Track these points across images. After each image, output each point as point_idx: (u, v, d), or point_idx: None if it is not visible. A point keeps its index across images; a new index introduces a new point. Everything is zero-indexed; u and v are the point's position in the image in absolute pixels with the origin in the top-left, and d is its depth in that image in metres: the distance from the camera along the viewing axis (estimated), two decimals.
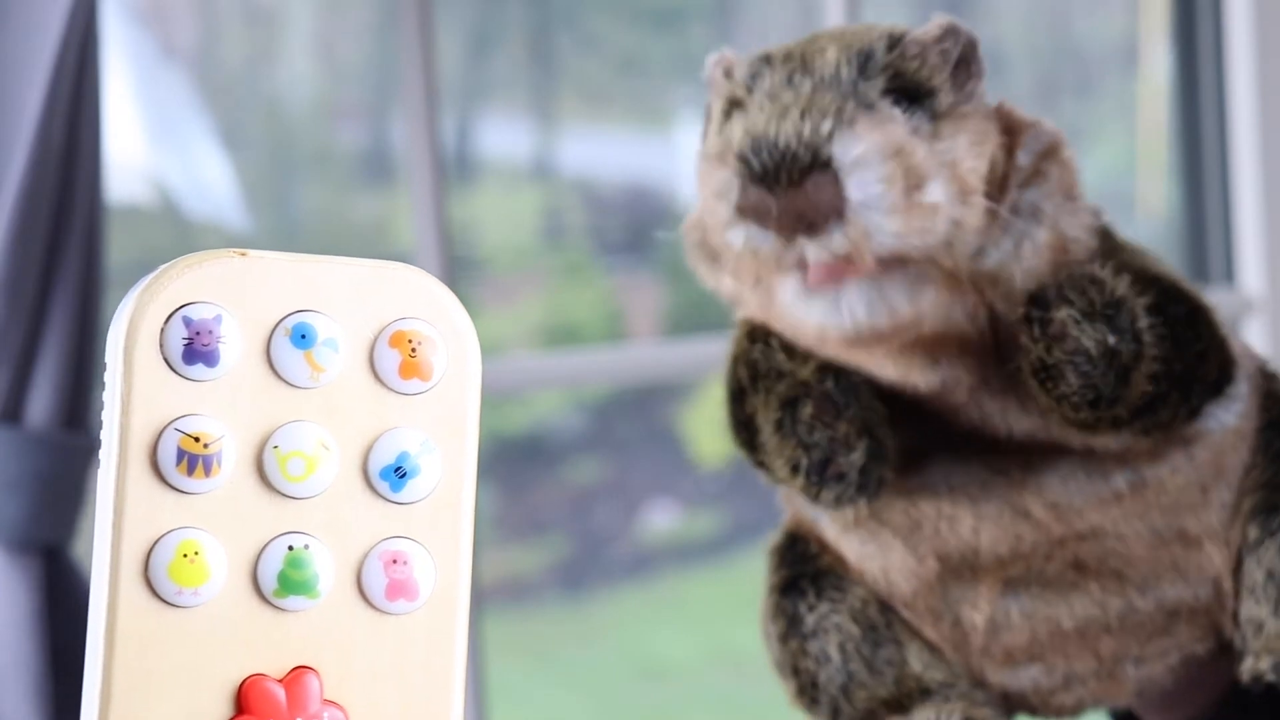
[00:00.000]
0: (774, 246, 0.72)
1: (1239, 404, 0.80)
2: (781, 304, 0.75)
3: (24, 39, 1.30)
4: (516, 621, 2.89)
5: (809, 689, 0.82)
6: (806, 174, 0.71)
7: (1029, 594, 0.79)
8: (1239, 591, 0.79)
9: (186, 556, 0.39)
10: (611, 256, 2.83)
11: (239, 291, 0.39)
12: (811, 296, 0.73)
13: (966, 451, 0.79)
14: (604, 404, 2.97)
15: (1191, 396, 0.77)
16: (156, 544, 0.39)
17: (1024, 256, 0.75)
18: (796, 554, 0.83)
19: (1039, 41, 2.57)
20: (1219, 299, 0.74)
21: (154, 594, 0.39)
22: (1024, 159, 0.76)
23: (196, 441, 0.39)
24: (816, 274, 0.73)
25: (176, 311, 0.39)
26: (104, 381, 0.39)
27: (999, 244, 0.75)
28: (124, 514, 0.38)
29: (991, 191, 0.74)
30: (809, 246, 0.72)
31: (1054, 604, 0.79)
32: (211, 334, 0.39)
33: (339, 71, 2.46)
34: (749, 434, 0.79)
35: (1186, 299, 0.77)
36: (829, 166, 0.71)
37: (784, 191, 0.71)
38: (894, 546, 0.80)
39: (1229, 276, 2.21)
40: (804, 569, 0.82)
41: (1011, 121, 0.77)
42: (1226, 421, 0.79)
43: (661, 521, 3.03)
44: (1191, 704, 0.84)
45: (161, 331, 0.39)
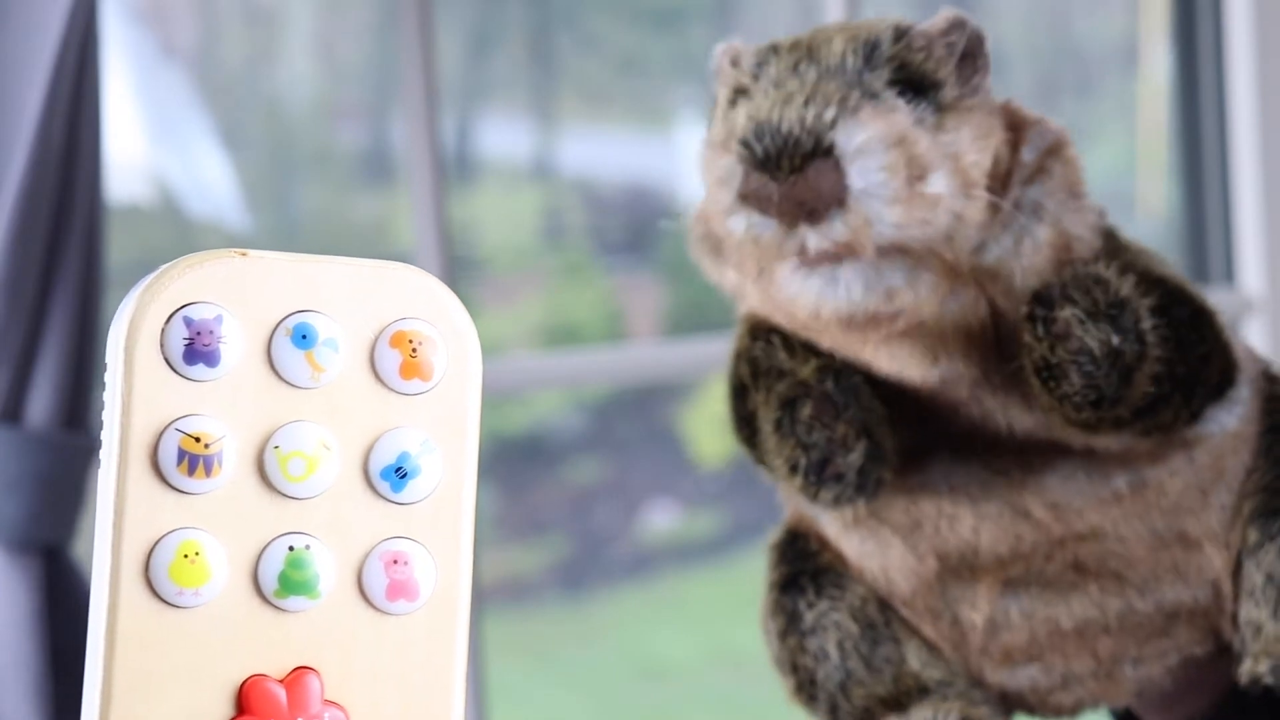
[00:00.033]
0: (775, 234, 0.72)
1: (1240, 407, 0.80)
2: (779, 283, 0.74)
3: (24, 39, 1.29)
4: (516, 621, 2.89)
5: (807, 686, 0.82)
6: (808, 160, 0.71)
7: (1028, 594, 0.79)
8: (1238, 594, 0.79)
9: (187, 557, 0.39)
10: (611, 256, 2.83)
11: (240, 291, 0.39)
12: (809, 273, 0.73)
13: (967, 451, 0.79)
14: (604, 404, 2.97)
15: (1193, 399, 0.76)
16: (157, 544, 0.39)
17: (1025, 253, 0.75)
18: (797, 551, 0.83)
19: (1039, 41, 2.57)
20: (1219, 299, 0.74)
21: (154, 594, 0.39)
22: (1028, 155, 0.76)
23: (197, 442, 0.39)
24: (817, 256, 0.73)
25: (177, 311, 0.39)
26: (104, 381, 0.39)
27: (1000, 239, 0.75)
28: (124, 514, 0.38)
29: (994, 186, 0.74)
30: (810, 234, 0.71)
31: (1053, 604, 0.79)
32: (212, 334, 0.39)
33: (339, 71, 2.46)
34: (750, 430, 0.79)
35: (1190, 301, 0.77)
36: (831, 154, 0.71)
37: (786, 178, 0.71)
38: (894, 545, 0.80)
39: (1229, 276, 2.21)
40: (804, 566, 0.82)
41: (1017, 118, 0.77)
42: (1228, 424, 0.79)
43: (661, 521, 3.03)
44: (1190, 705, 0.84)
45: (162, 331, 0.39)
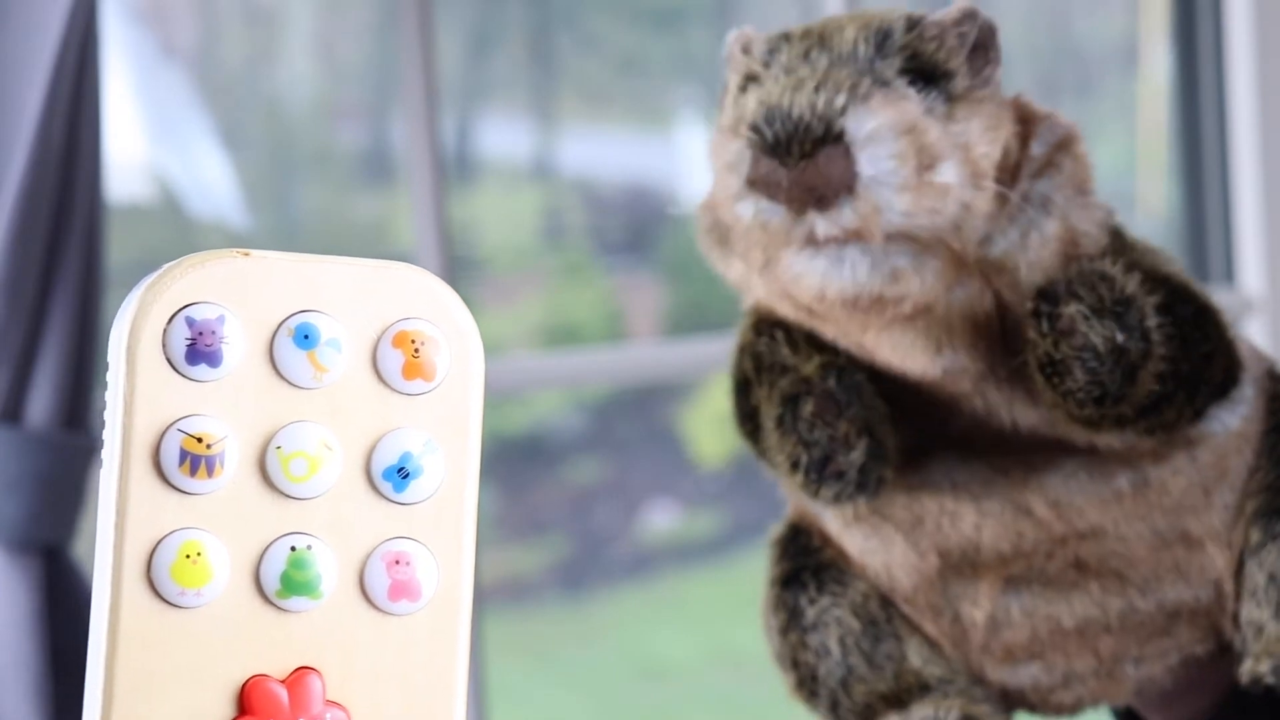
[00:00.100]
0: (783, 220, 0.72)
1: (1244, 407, 0.80)
2: (784, 264, 0.74)
3: (24, 39, 1.29)
4: (516, 621, 2.89)
5: (808, 682, 0.82)
6: (819, 146, 0.71)
7: (1030, 592, 0.79)
8: (1240, 594, 0.79)
9: (189, 557, 0.39)
10: (611, 256, 2.83)
11: (242, 292, 0.39)
12: (815, 253, 0.73)
13: (969, 449, 0.79)
14: (604, 404, 2.96)
15: (1197, 397, 0.76)
16: (159, 545, 0.39)
17: (1031, 246, 0.75)
18: (798, 547, 0.83)
19: (1039, 41, 2.57)
20: (1219, 299, 0.74)
21: (156, 595, 0.39)
22: (1037, 149, 0.76)
23: (199, 442, 0.39)
24: (825, 241, 0.73)
25: (179, 311, 0.39)
26: (106, 381, 0.39)
27: (1007, 232, 0.75)
28: (126, 514, 0.38)
29: (1003, 179, 0.74)
30: (818, 220, 0.71)
31: (1054, 602, 0.79)
32: (214, 334, 0.39)
33: (339, 71, 2.46)
34: (753, 425, 0.79)
35: (1195, 300, 0.77)
36: (841, 140, 0.71)
37: (795, 163, 0.71)
38: (896, 542, 0.80)
39: (1229, 276, 2.21)
40: (805, 562, 0.82)
41: (1027, 112, 0.77)
42: (1230, 424, 0.79)
43: (661, 521, 3.03)
44: (1191, 705, 0.84)
45: (164, 332, 0.38)
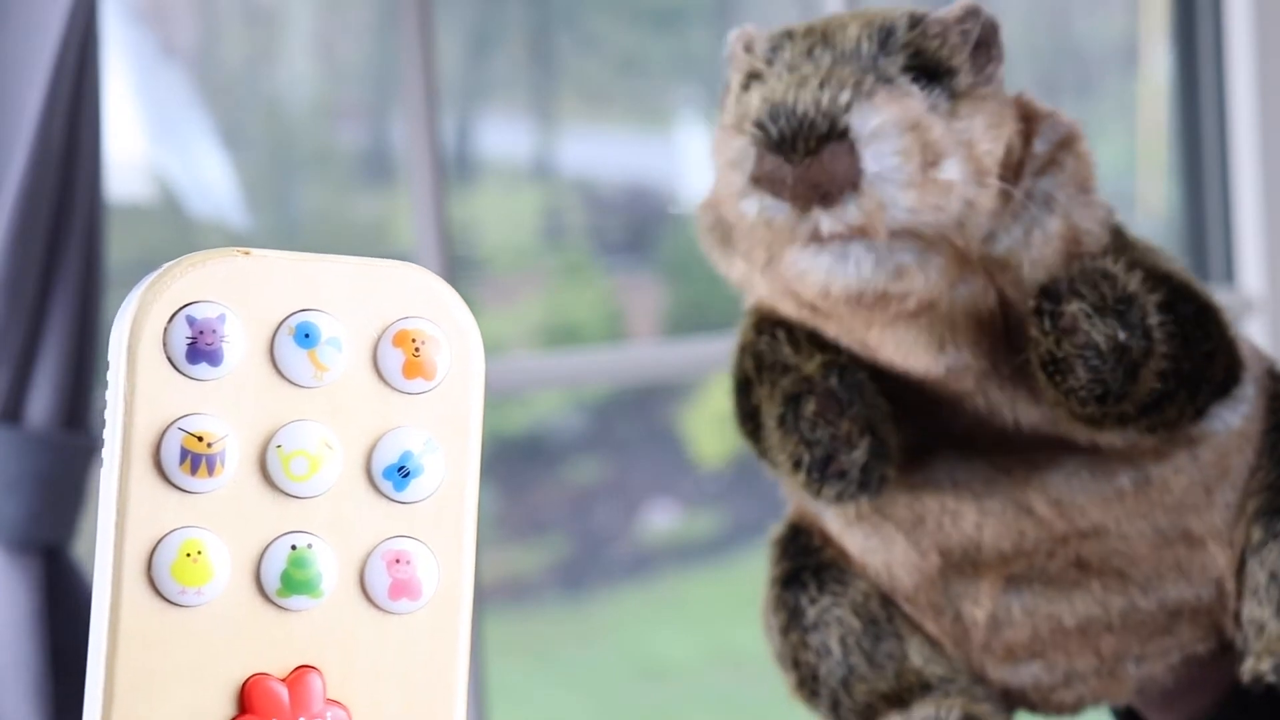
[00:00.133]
0: (788, 217, 0.72)
1: (1245, 405, 0.80)
2: (788, 261, 0.74)
3: (24, 39, 1.29)
4: (516, 621, 2.89)
5: (809, 681, 0.82)
6: (823, 143, 0.71)
7: (1031, 591, 0.79)
8: (1241, 592, 0.79)
9: (189, 556, 0.39)
10: (611, 256, 2.83)
11: (243, 290, 0.39)
12: (819, 250, 0.73)
13: (971, 448, 0.79)
14: (604, 404, 2.96)
15: (1198, 396, 0.76)
16: (159, 543, 0.39)
17: (1034, 244, 0.75)
18: (799, 546, 0.83)
19: (1039, 41, 2.57)
20: (1219, 299, 0.74)
21: (157, 593, 0.39)
22: (1040, 147, 0.76)
23: (200, 441, 0.39)
24: (829, 238, 0.73)
25: (180, 310, 0.39)
26: (106, 381, 0.39)
27: (1010, 229, 0.75)
28: (127, 513, 0.38)
29: (1006, 177, 0.74)
30: (823, 217, 0.71)
31: (1056, 601, 0.79)
32: (215, 333, 0.39)
33: (339, 71, 2.46)
34: (754, 424, 0.79)
35: (1197, 298, 0.77)
36: (846, 137, 0.71)
37: (800, 160, 0.71)
38: (897, 541, 0.80)
39: (1229, 276, 2.21)
40: (806, 561, 0.82)
41: (1029, 110, 0.77)
42: (1232, 423, 0.79)
43: (661, 521, 3.03)
44: (1192, 703, 0.84)
45: (165, 330, 0.38)
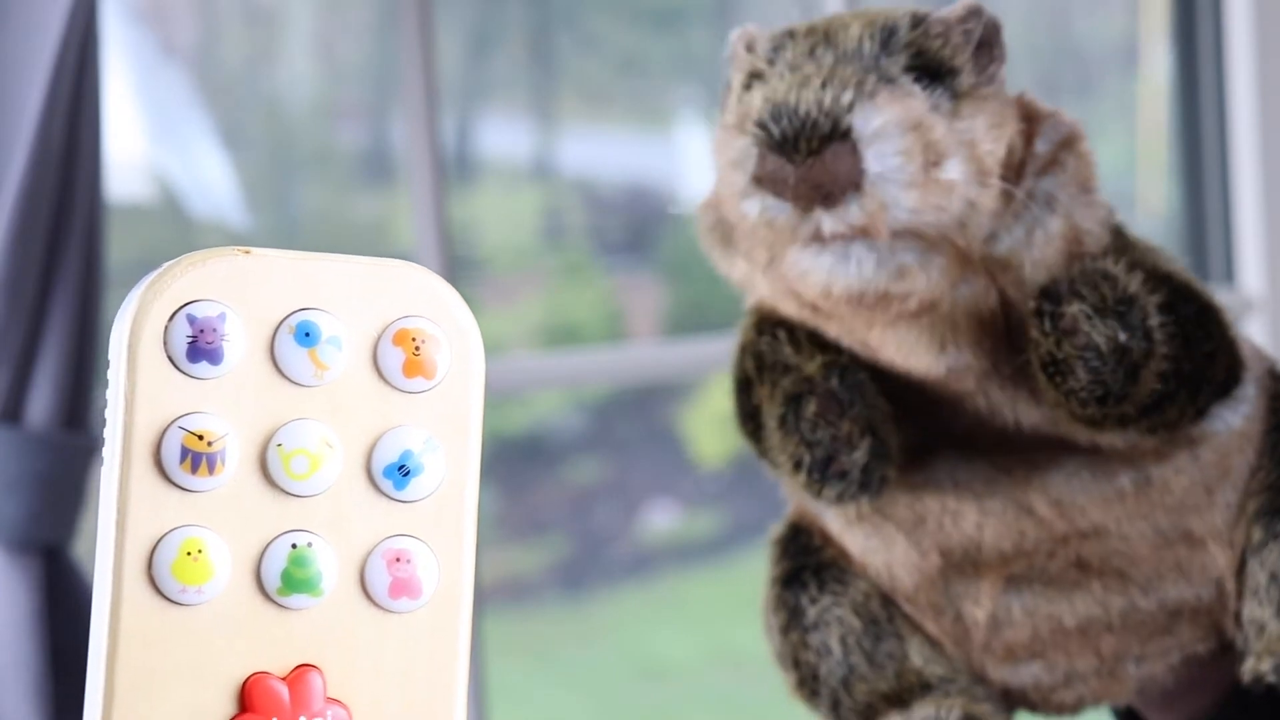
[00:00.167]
0: (789, 217, 0.72)
1: (1246, 406, 0.80)
2: (790, 261, 0.74)
3: (24, 39, 1.29)
4: (516, 621, 2.89)
5: (809, 681, 0.81)
6: (826, 143, 0.71)
7: (1031, 591, 0.79)
8: (1242, 593, 0.79)
9: (190, 554, 0.39)
10: (611, 256, 2.83)
11: (243, 289, 0.39)
12: (821, 250, 0.72)
13: (971, 448, 0.79)
14: (604, 404, 2.97)
15: (1199, 396, 0.76)
16: (160, 542, 0.39)
17: (1036, 244, 0.75)
18: (799, 546, 0.83)
19: (1039, 41, 2.57)
20: (1219, 299, 0.74)
21: (157, 592, 0.39)
22: (1042, 147, 0.76)
23: (200, 439, 0.39)
24: (831, 238, 0.72)
25: (181, 309, 0.39)
26: (106, 380, 0.39)
27: (1012, 229, 0.75)
28: (127, 512, 0.38)
29: (1008, 177, 0.74)
30: (825, 218, 0.71)
31: (1056, 601, 0.79)
32: (216, 332, 0.39)
33: (339, 71, 2.46)
34: (754, 425, 0.79)
35: (1197, 298, 0.77)
36: (848, 137, 0.71)
37: (802, 160, 0.71)
38: (897, 541, 0.80)
39: (1229, 276, 2.21)
40: (806, 561, 0.82)
41: (1031, 110, 0.77)
42: (1233, 423, 0.79)
43: (661, 521, 3.03)
44: (1192, 703, 0.84)
45: (165, 329, 0.38)
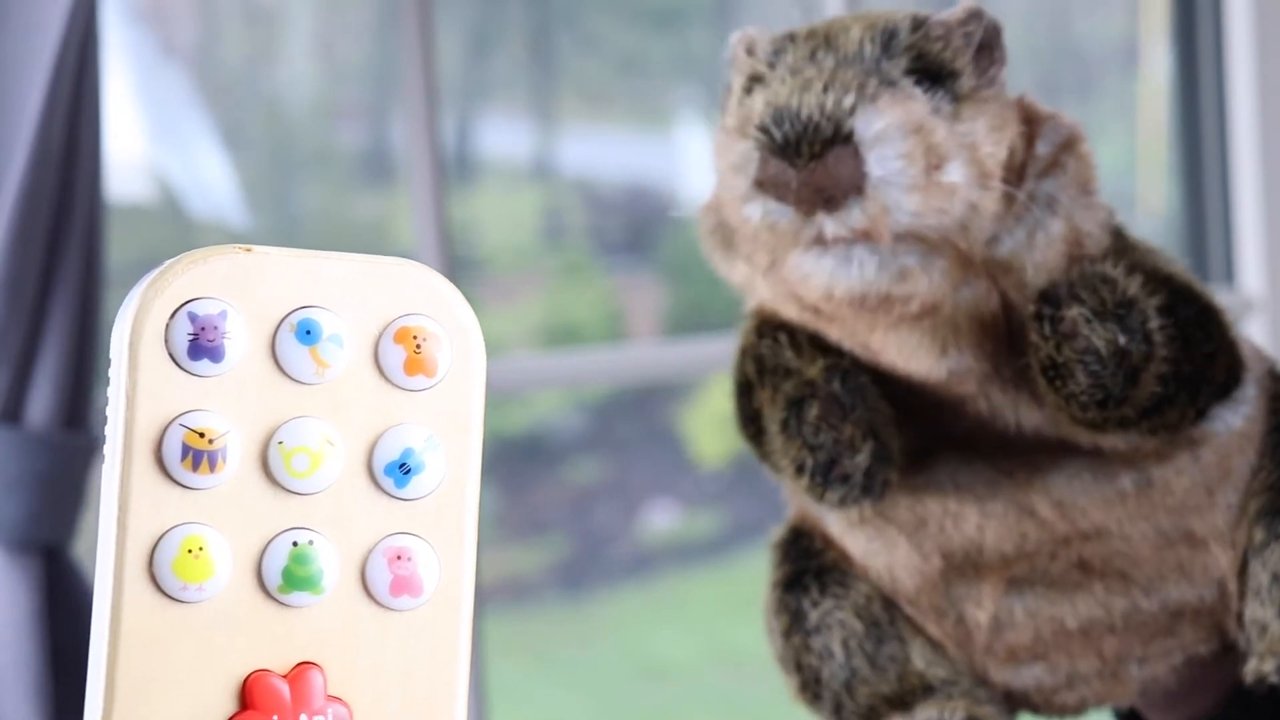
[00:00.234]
0: (792, 220, 0.72)
1: (1246, 407, 0.80)
2: (791, 264, 0.74)
3: (24, 39, 1.29)
4: (516, 621, 2.89)
5: (812, 685, 0.81)
6: (827, 147, 0.71)
7: (1033, 593, 0.79)
8: (1244, 593, 0.79)
9: (191, 552, 0.39)
10: (611, 256, 2.83)
11: (244, 287, 0.39)
12: (823, 252, 0.72)
13: (973, 451, 0.79)
14: (604, 404, 2.97)
15: (1199, 397, 0.76)
16: (161, 539, 0.39)
17: (1037, 246, 0.75)
18: (800, 549, 0.83)
19: (1039, 41, 2.57)
20: (1219, 299, 0.74)
21: (158, 590, 0.39)
22: (1042, 149, 0.76)
23: (201, 437, 0.39)
24: (833, 241, 0.72)
25: (182, 307, 0.39)
26: (107, 379, 0.39)
27: (1013, 232, 0.75)
28: (128, 510, 0.38)
29: (1009, 179, 0.74)
30: (827, 221, 0.71)
31: (1058, 603, 0.79)
32: (217, 330, 0.39)
33: (339, 71, 2.46)
34: (755, 428, 0.79)
35: (1197, 300, 0.77)
36: (850, 141, 0.71)
37: (804, 164, 0.71)
38: (899, 543, 0.80)
39: (1229, 276, 2.21)
40: (808, 564, 0.82)
41: (1031, 112, 0.77)
42: (1233, 424, 0.79)
43: (661, 521, 3.03)
44: (1194, 704, 0.84)
45: (167, 327, 0.38)
